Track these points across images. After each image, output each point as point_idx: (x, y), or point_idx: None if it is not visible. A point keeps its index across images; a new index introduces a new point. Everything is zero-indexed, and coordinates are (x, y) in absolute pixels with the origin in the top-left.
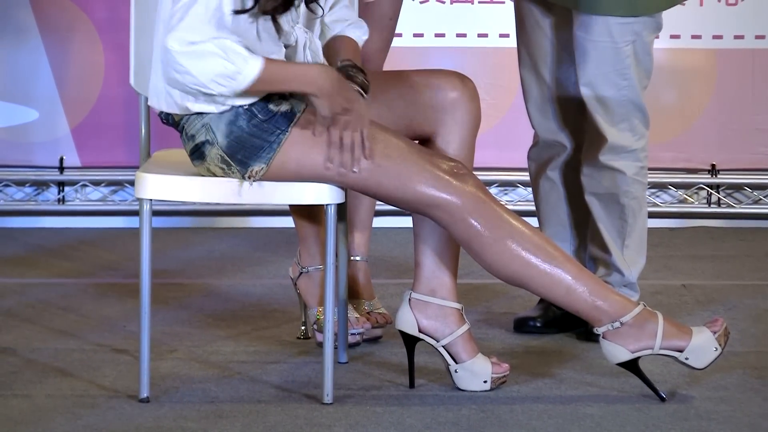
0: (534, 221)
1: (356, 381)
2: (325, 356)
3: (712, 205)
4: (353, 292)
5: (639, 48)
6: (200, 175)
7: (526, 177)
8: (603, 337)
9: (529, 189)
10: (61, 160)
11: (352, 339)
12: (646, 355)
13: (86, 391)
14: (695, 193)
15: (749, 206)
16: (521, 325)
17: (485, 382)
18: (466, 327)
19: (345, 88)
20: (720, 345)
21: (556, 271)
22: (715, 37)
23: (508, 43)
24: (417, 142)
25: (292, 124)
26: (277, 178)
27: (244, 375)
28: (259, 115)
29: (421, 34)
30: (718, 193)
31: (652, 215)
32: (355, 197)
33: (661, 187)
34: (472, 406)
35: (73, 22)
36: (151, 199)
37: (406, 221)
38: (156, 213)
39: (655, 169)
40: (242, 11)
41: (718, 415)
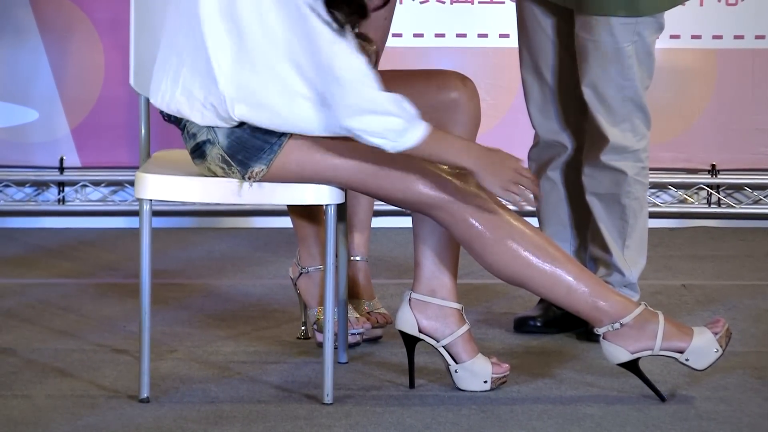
0: (534, 221)
1: (356, 381)
2: (325, 356)
3: (712, 205)
4: (353, 293)
5: (640, 48)
6: (200, 176)
7: None
8: (603, 338)
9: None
10: (61, 160)
11: (352, 339)
12: (646, 356)
13: (86, 391)
14: (695, 193)
15: (749, 206)
16: (521, 325)
17: (485, 382)
18: (466, 327)
19: (504, 157)
20: (721, 346)
21: (556, 272)
22: (715, 37)
23: (508, 43)
24: None
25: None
26: (277, 179)
27: (244, 375)
28: None
29: (421, 34)
30: (718, 194)
31: (653, 215)
32: (353, 197)
33: (661, 187)
34: (472, 407)
35: (72, 22)
36: (151, 200)
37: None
38: (156, 213)
39: (655, 169)
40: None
41: (718, 416)
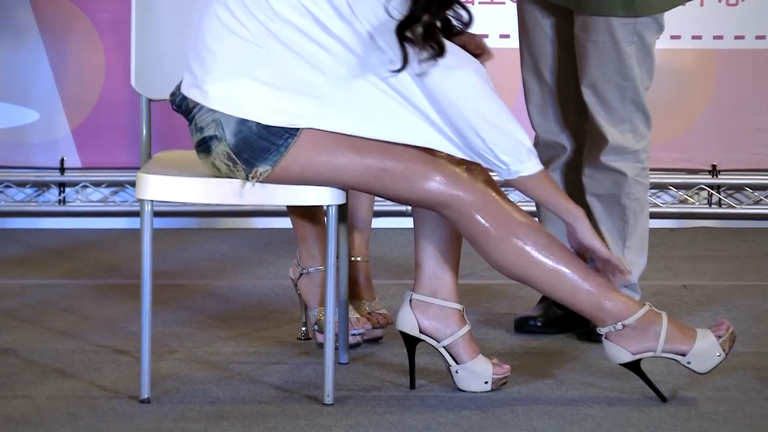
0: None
1: (357, 382)
2: (325, 357)
3: (713, 206)
4: (354, 293)
5: (641, 48)
6: (202, 176)
7: None
8: (605, 338)
9: None
10: (62, 161)
11: (352, 340)
12: (648, 357)
13: (87, 392)
14: (696, 194)
15: (750, 207)
16: (522, 325)
17: (486, 383)
18: (467, 328)
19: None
20: (724, 350)
21: (561, 270)
22: (716, 38)
23: (508, 43)
24: None
25: (301, 129)
26: (280, 181)
27: (244, 376)
28: None
29: None
30: (719, 194)
31: (653, 216)
32: (354, 198)
33: (662, 187)
34: (473, 407)
35: (73, 23)
36: (153, 200)
37: (406, 222)
38: (156, 214)
39: (655, 170)
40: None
41: (719, 416)
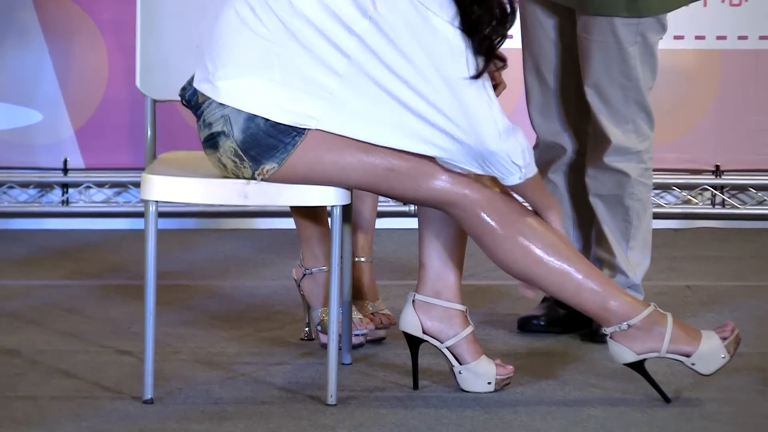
0: None
1: (360, 382)
2: (329, 357)
3: (717, 206)
4: (357, 293)
5: (644, 49)
6: (206, 177)
7: None
8: (610, 338)
9: None
10: (65, 161)
11: (355, 340)
12: (653, 358)
13: (90, 392)
14: (699, 194)
15: (753, 207)
16: (525, 324)
17: (489, 383)
18: (470, 329)
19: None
20: (729, 352)
21: (566, 270)
22: (719, 38)
23: (511, 44)
24: None
25: (308, 128)
26: (287, 180)
27: (248, 376)
28: None
29: None
30: (723, 194)
31: (656, 216)
32: (358, 198)
33: (665, 188)
34: (476, 408)
35: (76, 24)
36: (157, 201)
37: (409, 222)
38: (160, 214)
39: (658, 170)
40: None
41: (723, 417)
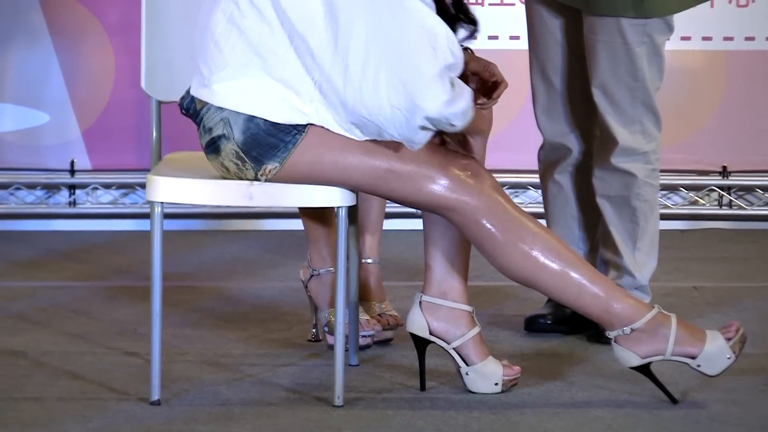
0: (544, 223)
1: (367, 383)
2: (335, 358)
3: (724, 207)
4: (364, 295)
5: (651, 49)
6: (212, 178)
7: (536, 179)
8: (614, 342)
9: (540, 191)
10: (72, 163)
11: (362, 341)
12: (658, 360)
13: (97, 393)
14: (706, 195)
15: (761, 208)
16: (531, 323)
17: (496, 384)
18: (477, 330)
19: None
20: (734, 352)
21: (568, 274)
22: (726, 39)
23: (518, 45)
24: None
25: (308, 126)
26: (289, 179)
27: (254, 377)
28: None
29: None
30: (730, 195)
31: (663, 217)
32: (365, 200)
33: (672, 188)
34: (483, 409)
35: (83, 26)
36: (163, 202)
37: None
38: (166, 216)
39: (665, 171)
40: None
41: (730, 418)
